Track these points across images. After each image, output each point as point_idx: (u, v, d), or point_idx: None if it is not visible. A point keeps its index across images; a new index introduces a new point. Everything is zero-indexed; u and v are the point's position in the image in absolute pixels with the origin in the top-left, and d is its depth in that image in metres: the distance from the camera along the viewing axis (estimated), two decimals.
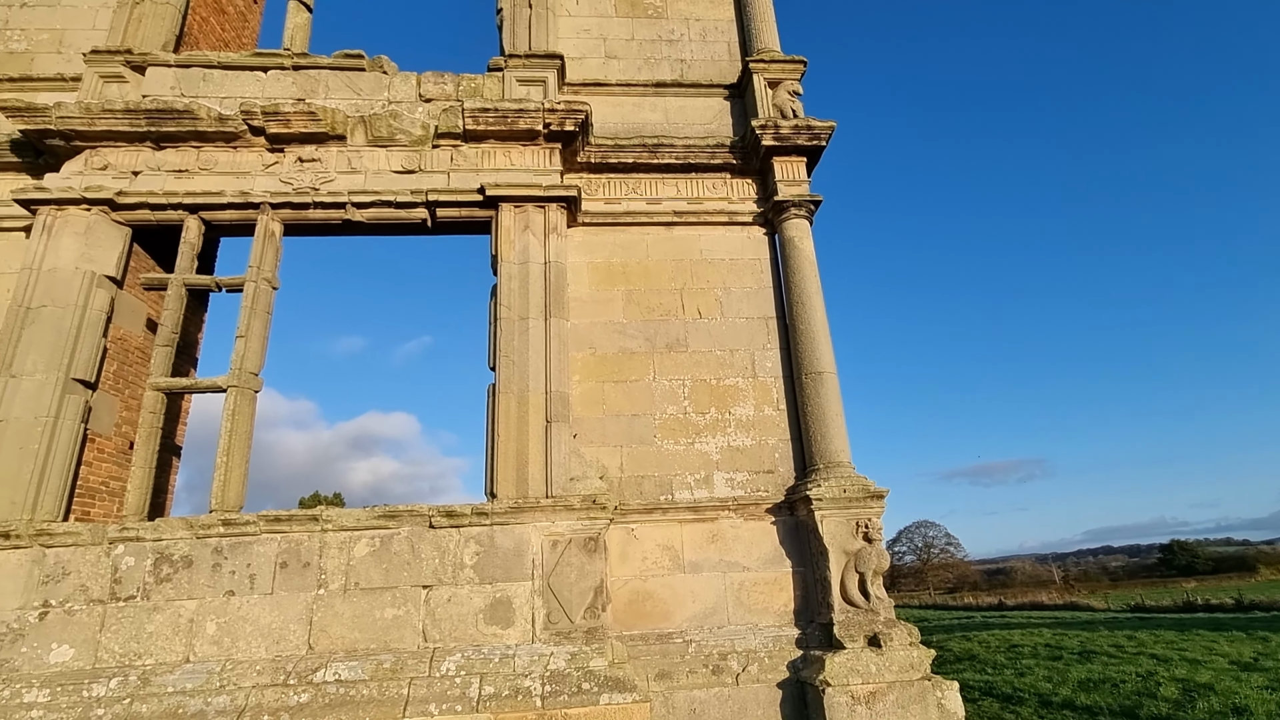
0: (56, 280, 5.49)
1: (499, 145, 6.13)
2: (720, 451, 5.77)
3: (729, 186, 6.54)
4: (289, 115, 5.90)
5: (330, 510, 5.03)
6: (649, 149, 6.34)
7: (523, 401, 5.46)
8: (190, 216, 5.85)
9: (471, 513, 5.05)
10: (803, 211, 6.21)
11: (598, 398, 5.86)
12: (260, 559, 4.91)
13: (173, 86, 6.20)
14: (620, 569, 5.35)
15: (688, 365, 6.00)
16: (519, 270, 5.81)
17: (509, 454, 5.34)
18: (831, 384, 5.75)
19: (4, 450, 5.01)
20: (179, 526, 4.92)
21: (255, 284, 5.71)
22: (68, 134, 5.78)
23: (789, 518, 5.59)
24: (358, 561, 4.96)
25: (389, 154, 6.13)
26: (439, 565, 4.99)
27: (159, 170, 5.90)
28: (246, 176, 5.93)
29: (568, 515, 5.15)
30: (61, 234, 5.62)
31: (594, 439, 5.74)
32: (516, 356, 5.58)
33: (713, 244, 6.41)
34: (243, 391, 5.44)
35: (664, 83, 6.86)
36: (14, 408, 5.13)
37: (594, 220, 6.34)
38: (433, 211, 5.99)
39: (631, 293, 6.21)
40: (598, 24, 7.09)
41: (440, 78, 6.49)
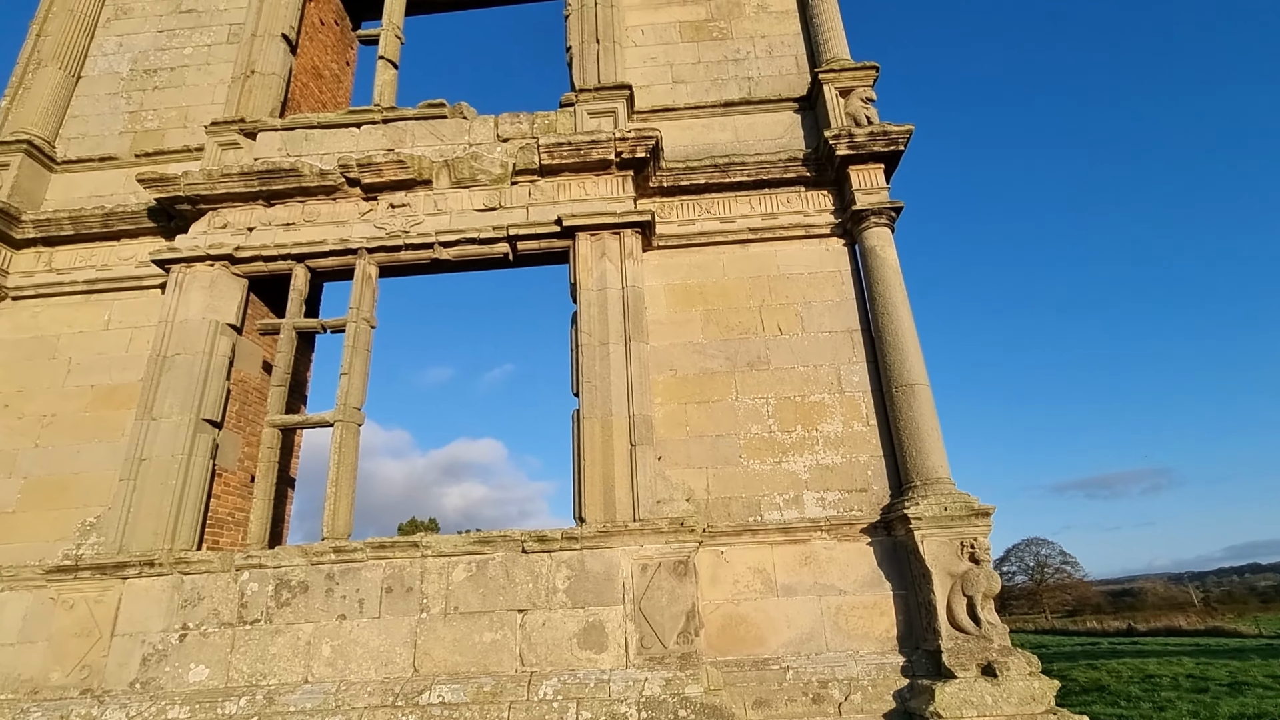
0: (187, 330, 6.08)
1: (573, 177, 6.31)
2: (809, 470, 5.62)
3: (804, 199, 6.44)
4: (380, 165, 6.32)
5: (429, 537, 5.25)
6: (720, 168, 6.35)
7: (606, 426, 5.53)
8: (298, 265, 6.34)
9: (561, 537, 5.14)
10: (883, 219, 6.02)
11: (680, 419, 5.86)
12: (368, 584, 5.18)
13: (280, 148, 6.78)
14: (711, 593, 5.28)
15: (770, 383, 5.90)
16: (597, 297, 5.93)
17: (595, 478, 5.40)
18: (924, 396, 5.50)
19: (147, 486, 5.55)
20: (295, 554, 5.27)
21: (356, 324, 6.10)
22: (193, 198, 6.43)
23: (886, 538, 5.35)
24: (456, 586, 5.14)
25: (471, 194, 6.43)
26: (533, 589, 5.08)
27: (270, 225, 6.45)
28: (345, 225, 6.39)
29: (656, 539, 5.14)
30: (190, 288, 6.23)
31: (678, 461, 5.72)
32: (599, 381, 5.67)
33: (790, 259, 6.31)
34: (347, 425, 5.79)
35: (732, 102, 6.87)
36: (155, 447, 5.68)
37: (669, 243, 6.39)
38: (513, 245, 6.23)
39: (710, 313, 6.19)
40: (663, 51, 7.21)
41: (516, 117, 6.77)
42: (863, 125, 6.19)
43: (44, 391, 6.35)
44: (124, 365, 6.39)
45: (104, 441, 6.10)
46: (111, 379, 6.35)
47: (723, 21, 7.34)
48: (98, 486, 5.90)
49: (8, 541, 5.80)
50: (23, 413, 6.27)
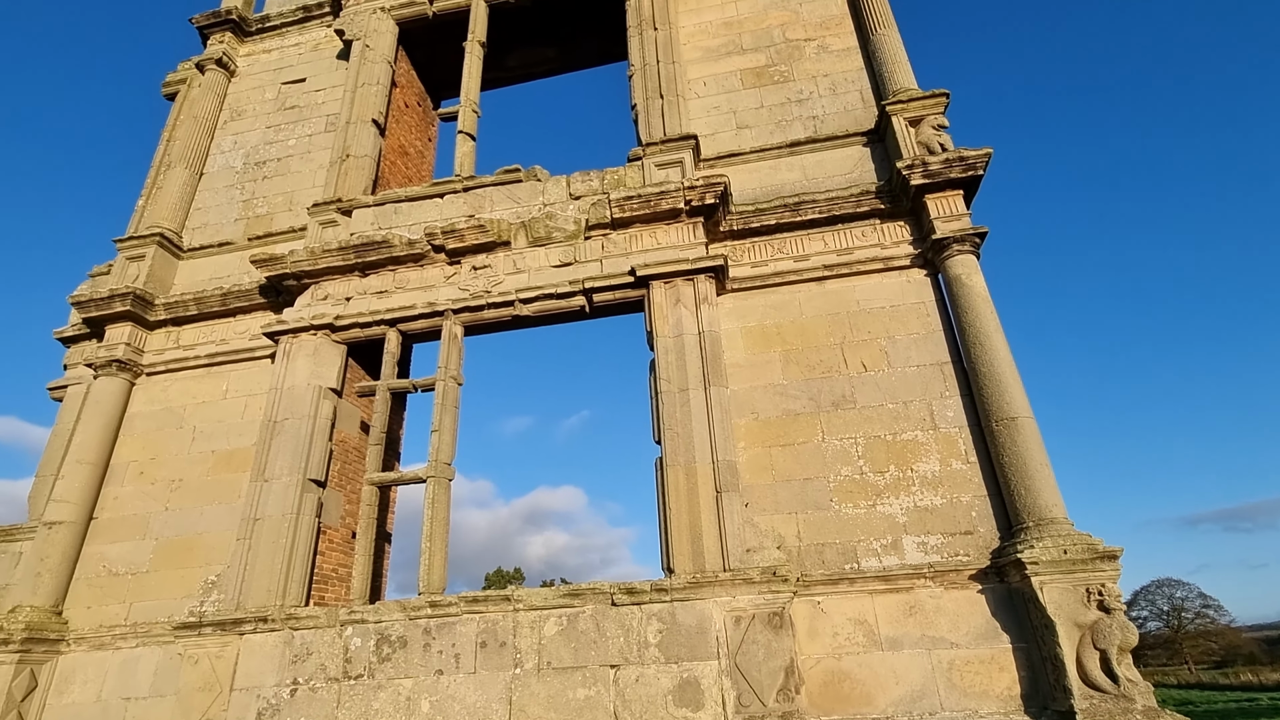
0: (294, 396, 6.52)
1: (645, 228, 6.45)
2: (906, 513, 5.32)
3: (879, 232, 6.29)
4: (462, 231, 6.68)
5: (520, 590, 5.29)
6: (790, 208, 6.33)
7: (690, 473, 5.47)
8: (390, 330, 6.72)
9: (651, 589, 5.06)
10: (966, 246, 5.79)
11: (765, 464, 5.72)
12: (463, 639, 5.25)
13: (372, 222, 7.30)
14: (810, 646, 5.02)
15: (858, 422, 5.69)
16: (674, 343, 5.95)
17: (682, 527, 5.32)
18: (1029, 430, 5.14)
19: (261, 545, 5.90)
20: (395, 609, 5.42)
21: (444, 382, 6.37)
22: (298, 274, 6.98)
23: (999, 585, 4.96)
24: (548, 640, 5.13)
25: (547, 251, 6.68)
26: (624, 644, 5.00)
27: (365, 293, 6.90)
28: (432, 289, 6.75)
29: (748, 589, 4.98)
30: (296, 357, 6.71)
31: (766, 507, 5.56)
32: (680, 428, 5.64)
33: (869, 293, 6.15)
34: (439, 481, 5.99)
35: (798, 141, 6.88)
36: (267, 507, 6.06)
37: (743, 285, 6.37)
38: (589, 298, 6.38)
39: (789, 353, 6.09)
40: (726, 99, 7.35)
41: (586, 175, 7.03)
42: (936, 153, 6.04)
43: (172, 458, 6.93)
44: (240, 431, 6.91)
45: (224, 503, 6.56)
46: (229, 444, 6.86)
47: (783, 65, 7.42)
48: (219, 546, 6.32)
49: (142, 599, 6.28)
50: (155, 478, 6.85)
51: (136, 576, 6.41)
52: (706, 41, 7.78)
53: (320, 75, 9.01)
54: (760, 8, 7.83)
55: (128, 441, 7.11)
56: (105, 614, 6.29)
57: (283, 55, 9.39)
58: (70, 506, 6.56)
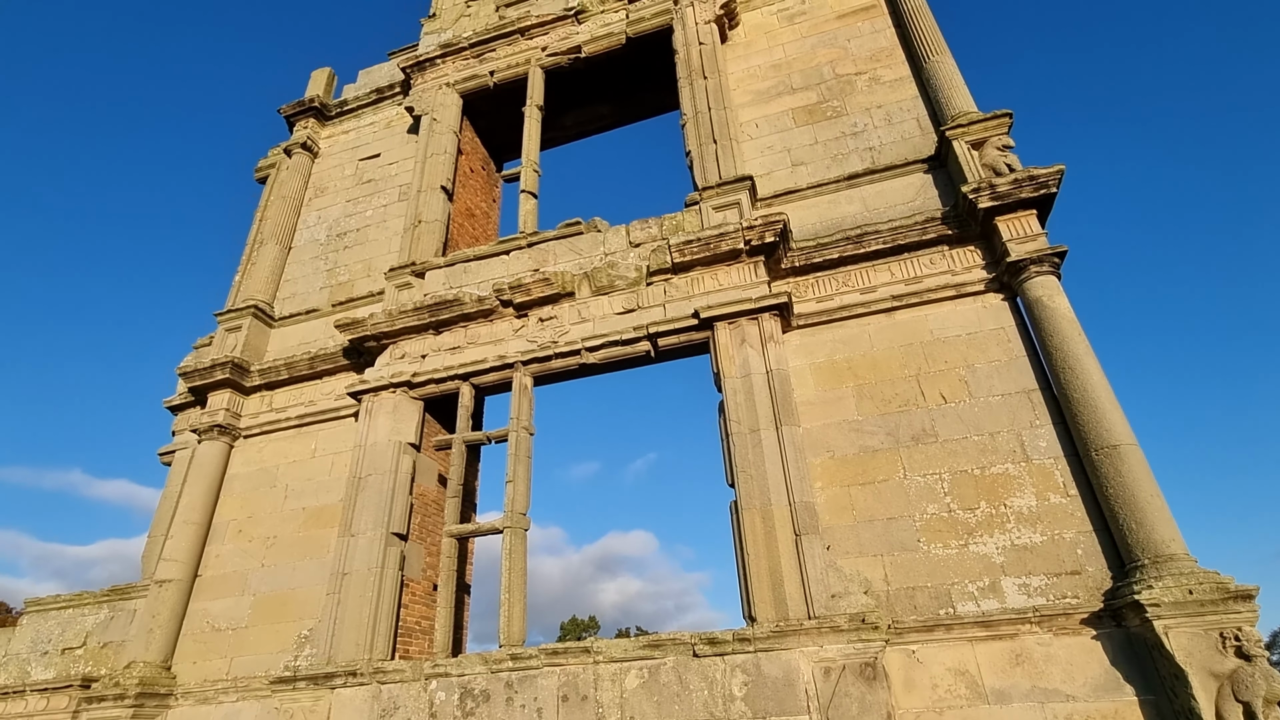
0: (376, 452, 6.79)
1: (706, 270, 6.48)
2: (1003, 552, 4.98)
3: (948, 259, 6.11)
4: (528, 285, 6.91)
5: (599, 642, 5.23)
6: (852, 240, 6.24)
7: (767, 516, 5.33)
8: (464, 384, 6.96)
9: (733, 639, 4.90)
10: (1045, 267, 5.53)
11: (844, 504, 5.51)
12: (544, 692, 5.20)
13: (444, 282, 7.65)
14: (908, 699, 4.70)
15: (941, 457, 5.43)
16: (742, 384, 5.89)
17: (761, 573, 5.16)
18: (1133, 458, 4.76)
19: (349, 599, 6.09)
20: (476, 662, 5.45)
21: (516, 433, 6.50)
22: (377, 335, 7.36)
23: (1116, 630, 4.54)
24: (630, 694, 5.02)
25: (610, 299, 6.80)
26: (709, 698, 4.83)
27: (439, 350, 7.19)
28: (501, 342, 6.97)
29: (835, 638, 4.75)
30: (377, 414, 7.01)
31: (849, 549, 5.33)
32: (753, 470, 5.53)
33: (942, 322, 5.93)
34: (515, 532, 6.06)
35: (856, 174, 6.83)
36: (354, 562, 6.26)
37: (809, 321, 6.28)
38: (654, 342, 6.43)
39: (861, 388, 5.91)
40: (779, 139, 7.40)
41: (645, 223, 7.17)
42: (1004, 174, 5.86)
43: (267, 516, 7.31)
44: (328, 488, 7.23)
45: (314, 558, 6.83)
46: (318, 501, 7.19)
47: (835, 101, 7.44)
48: (311, 600, 6.56)
49: (242, 654, 6.55)
50: (252, 536, 7.23)
51: (236, 632, 6.71)
52: (756, 85, 7.91)
53: (393, 149, 9.65)
54: (808, 48, 7.92)
55: (228, 501, 7.56)
56: (209, 669, 6.59)
57: (359, 134, 10.13)
58: (178, 565, 6.98)
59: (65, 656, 7.00)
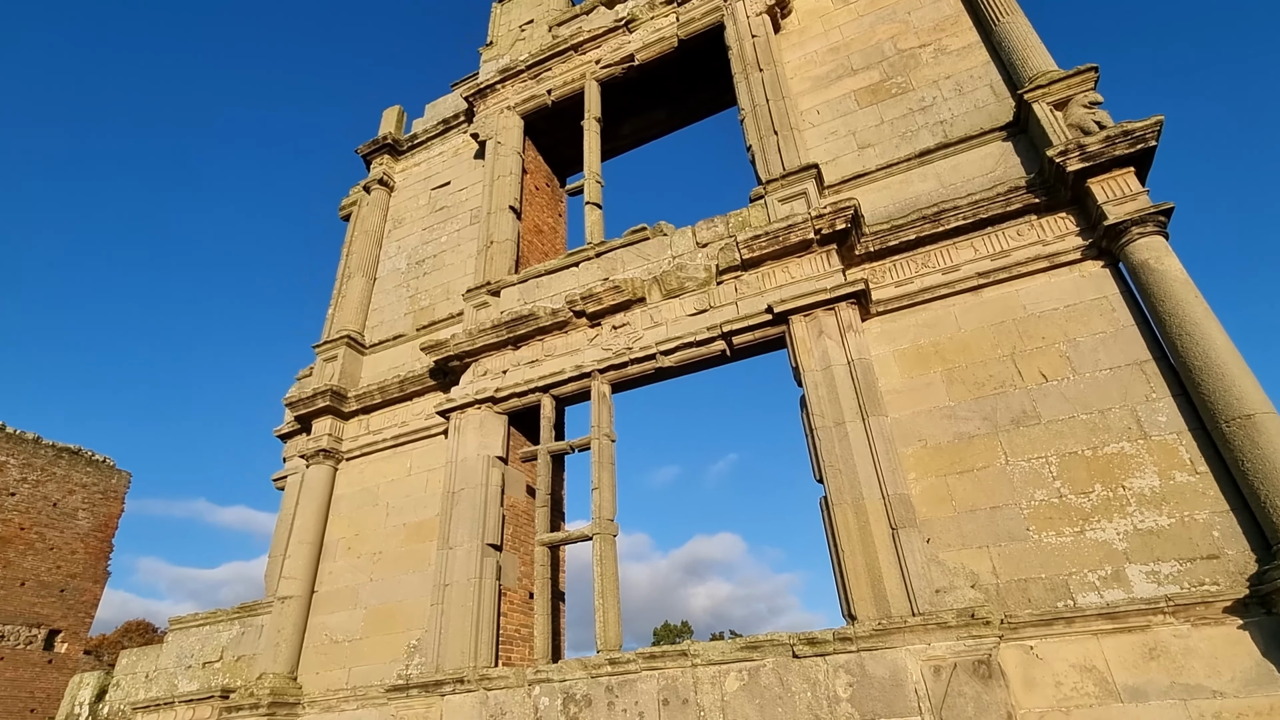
0: (467, 467, 7.05)
1: (776, 264, 6.38)
2: (1125, 538, 4.61)
3: (1037, 229, 5.75)
4: (600, 294, 7.00)
5: (696, 645, 5.21)
6: (929, 219, 5.98)
7: (859, 511, 5.16)
8: (544, 396, 7.12)
9: (834, 639, 4.76)
10: (1149, 228, 5.11)
11: (942, 494, 5.26)
12: (644, 696, 5.23)
13: (518, 298, 7.88)
14: (1029, 699, 4.42)
15: (1045, 439, 5.09)
16: (823, 376, 5.74)
17: (858, 569, 5.00)
18: (1272, 428, 4.31)
19: (451, 609, 6.34)
20: (576, 667, 5.54)
21: (599, 441, 6.59)
22: (460, 355, 7.65)
23: (1265, 618, 4.10)
24: (731, 697, 4.97)
25: (681, 301, 6.80)
26: (812, 699, 4.72)
27: (519, 364, 7.40)
28: (578, 352, 7.09)
29: (943, 635, 4.53)
30: (465, 430, 7.28)
31: (950, 542, 5.08)
32: (841, 464, 5.37)
33: (1036, 296, 5.58)
34: (604, 538, 6.13)
35: (928, 150, 6.54)
36: (453, 573, 6.52)
37: (888, 307, 6.06)
38: (729, 341, 6.37)
39: (951, 372, 5.64)
40: (843, 123, 7.20)
41: (710, 222, 7.14)
42: (1093, 132, 5.46)
43: (372, 533, 7.72)
44: (424, 504, 7.57)
45: (417, 571, 7.16)
46: (417, 516, 7.53)
47: (899, 77, 7.16)
48: (417, 612, 6.87)
49: (358, 664, 6.94)
50: (360, 552, 7.66)
51: (352, 643, 7.12)
52: (814, 71, 7.73)
53: (461, 176, 10.05)
54: (866, 26, 7.67)
55: (336, 520, 8.04)
56: (330, 679, 7.02)
57: (430, 165, 10.61)
58: (296, 582, 7.48)
59: (206, 670, 7.64)
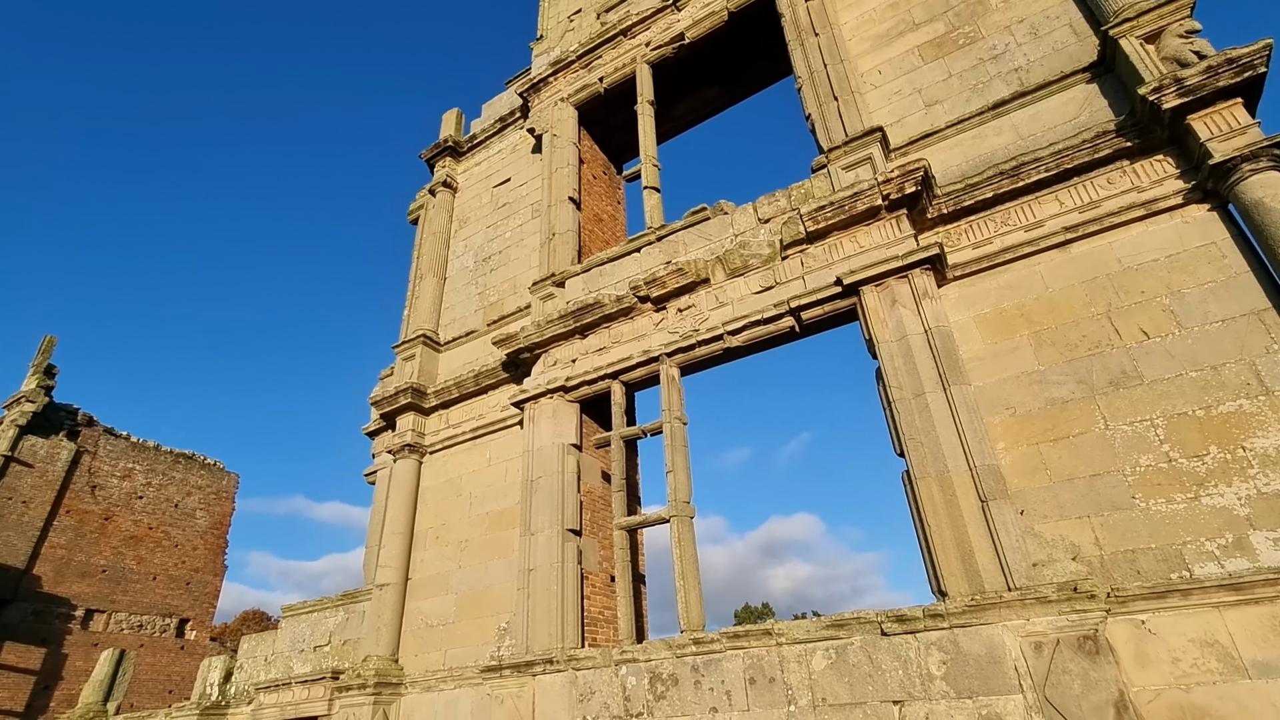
0: (543, 456, 7.22)
1: (843, 234, 6.18)
2: (1247, 503, 4.25)
3: (1130, 175, 5.32)
4: (663, 278, 6.99)
5: (781, 624, 5.17)
6: (1007, 174, 5.64)
7: (945, 483, 4.97)
8: (614, 382, 7.20)
9: (924, 615, 4.62)
10: (1262, 163, 4.63)
11: (1035, 464, 4.99)
12: (730, 675, 5.24)
13: (583, 288, 7.96)
14: (1142, 676, 4.16)
15: (1150, 400, 4.74)
16: (899, 347, 5.54)
17: (946, 544, 4.82)
18: None
19: (537, 593, 6.54)
20: (661, 648, 5.61)
21: (670, 424, 6.61)
22: (530, 347, 7.82)
23: None
24: (818, 675, 4.91)
25: (746, 280, 6.70)
26: (904, 677, 4.60)
27: (587, 353, 7.49)
28: (644, 337, 7.12)
29: (1043, 610, 4.32)
30: (539, 420, 7.46)
31: (1046, 513, 4.82)
32: (923, 437, 5.18)
33: (1132, 247, 5.18)
34: (681, 520, 6.16)
35: (1002, 100, 6.15)
36: (536, 559, 6.71)
37: (966, 271, 5.77)
38: (797, 317, 6.23)
39: (1039, 334, 5.32)
40: (907, 81, 6.86)
41: (772, 197, 6.98)
42: (1191, 64, 4.99)
43: (458, 522, 8.05)
44: (504, 493, 7.81)
45: (501, 558, 7.41)
46: (498, 505, 7.79)
47: (965, 26, 6.76)
48: (504, 596, 7.13)
49: (453, 647, 7.27)
50: (448, 541, 7.99)
51: (446, 627, 7.46)
52: (873, 29, 7.39)
53: (520, 171, 10.22)
54: None
55: (424, 511, 8.42)
56: (428, 660, 7.39)
57: (490, 164, 10.84)
58: (392, 570, 7.89)
59: (316, 653, 8.19)
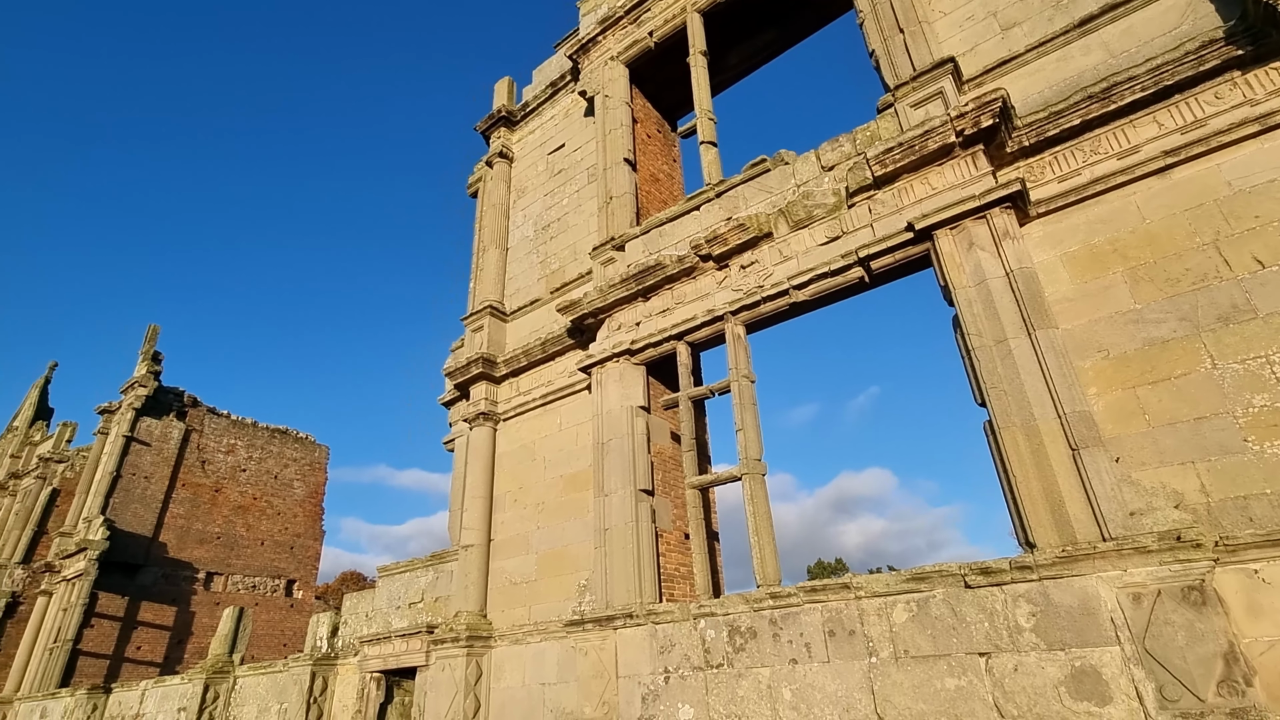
0: (612, 419, 7.34)
1: (913, 176, 5.88)
2: None
3: (1241, 87, 4.80)
4: (724, 235, 6.86)
5: (859, 577, 5.14)
6: (1097, 98, 5.19)
7: (1031, 432, 4.76)
8: (679, 343, 7.19)
9: (1011, 568, 4.49)
10: None
11: (1131, 408, 4.70)
12: (809, 628, 5.28)
13: (643, 250, 7.93)
14: (1255, 627, 3.93)
15: (1264, 336, 4.36)
16: (977, 292, 5.28)
17: (1034, 495, 4.64)
18: None
19: (613, 551, 6.72)
20: (738, 602, 5.70)
21: (738, 382, 6.57)
22: (593, 312, 7.89)
23: None
24: (900, 628, 4.88)
25: (810, 231, 6.50)
26: (990, 629, 4.52)
27: (650, 315, 7.50)
28: (708, 297, 7.05)
29: (1142, 560, 4.12)
30: (606, 384, 7.55)
31: (1145, 460, 4.55)
32: (1006, 385, 4.96)
33: (1244, 169, 4.71)
34: (753, 477, 6.16)
35: (1089, 16, 5.63)
36: (611, 518, 6.88)
37: (1051, 207, 5.40)
38: (866, 267, 6.02)
39: (1135, 270, 4.95)
40: (980, 4, 6.36)
41: (835, 142, 6.70)
42: None
43: (533, 485, 8.32)
44: (576, 456, 8.00)
45: (577, 519, 7.64)
46: (571, 468, 7.99)
47: None
48: (581, 555, 7.37)
49: (536, 603, 7.61)
50: (525, 504, 8.30)
51: (529, 584, 7.80)
52: None
53: (574, 136, 10.16)
54: None
55: (501, 476, 8.74)
56: (513, 615, 7.77)
57: (543, 131, 10.82)
58: (475, 532, 8.28)
59: (411, 609, 8.74)
